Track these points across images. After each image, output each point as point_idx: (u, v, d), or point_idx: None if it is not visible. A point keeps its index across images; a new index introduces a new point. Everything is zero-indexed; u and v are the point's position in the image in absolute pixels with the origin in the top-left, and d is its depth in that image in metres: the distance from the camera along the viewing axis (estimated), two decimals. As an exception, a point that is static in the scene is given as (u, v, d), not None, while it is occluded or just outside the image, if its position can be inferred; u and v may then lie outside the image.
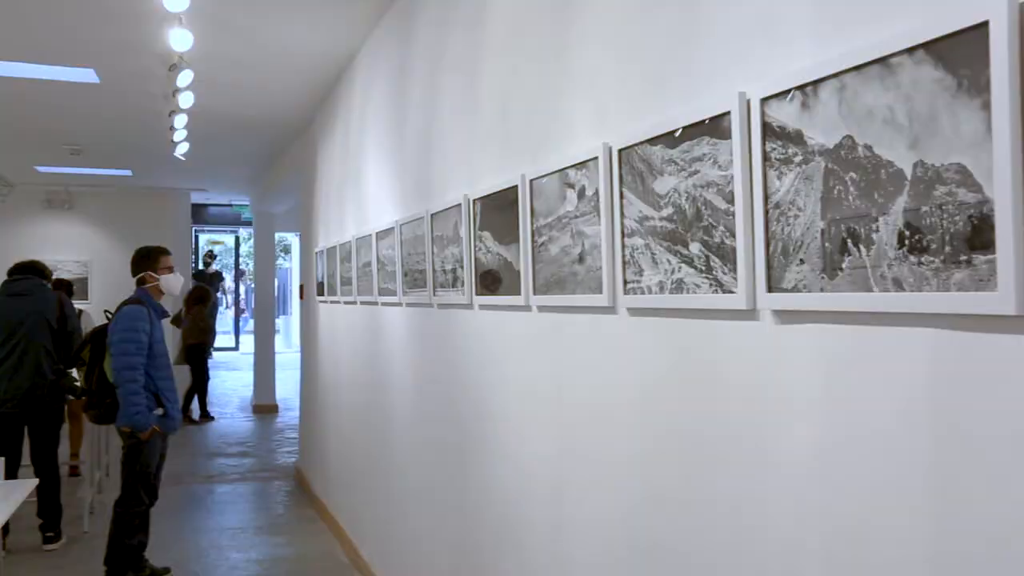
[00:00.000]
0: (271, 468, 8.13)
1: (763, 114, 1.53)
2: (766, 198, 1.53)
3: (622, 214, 2.03)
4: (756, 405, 1.62)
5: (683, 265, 1.79)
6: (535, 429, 2.61)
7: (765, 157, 1.53)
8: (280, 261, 20.12)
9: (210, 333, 10.98)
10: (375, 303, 4.60)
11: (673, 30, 1.87)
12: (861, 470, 1.37)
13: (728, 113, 1.62)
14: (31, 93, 6.17)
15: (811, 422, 1.48)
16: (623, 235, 2.02)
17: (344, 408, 5.66)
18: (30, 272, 5.59)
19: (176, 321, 10.56)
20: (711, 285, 1.70)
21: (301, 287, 7.92)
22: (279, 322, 18.13)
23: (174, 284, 4.78)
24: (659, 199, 1.87)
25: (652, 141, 1.89)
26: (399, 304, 4.12)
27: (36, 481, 3.47)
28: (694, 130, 1.73)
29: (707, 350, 1.76)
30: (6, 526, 3.31)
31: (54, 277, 6.29)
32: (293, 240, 20.44)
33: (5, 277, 5.61)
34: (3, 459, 3.31)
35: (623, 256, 2.03)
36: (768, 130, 1.53)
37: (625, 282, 2.03)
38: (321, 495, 6.37)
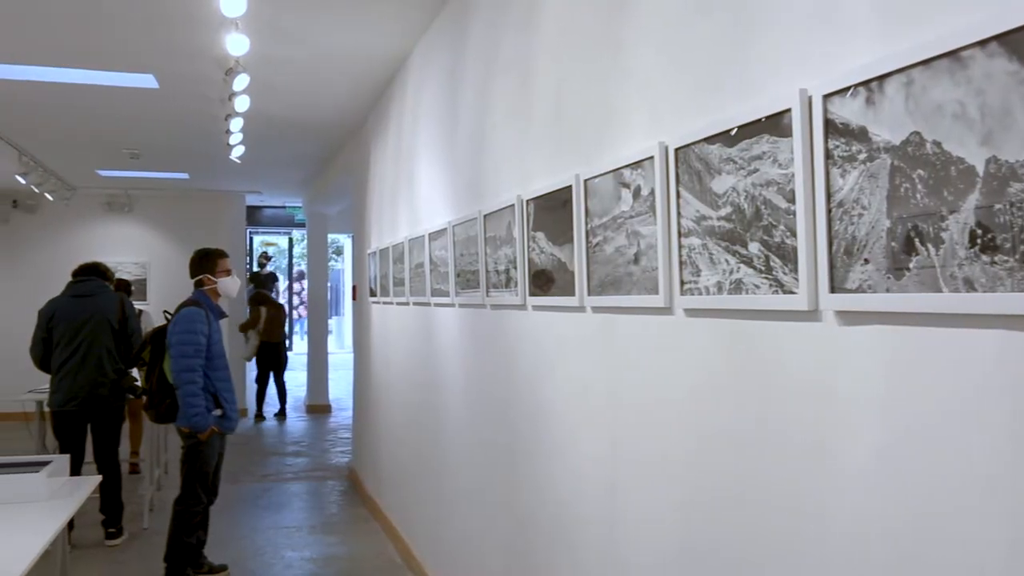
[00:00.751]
0: (325, 468, 8.22)
1: (825, 111, 1.50)
2: (829, 196, 1.50)
3: (679, 214, 2.00)
4: (817, 407, 1.58)
5: (742, 265, 1.76)
6: (588, 429, 2.59)
7: (828, 155, 1.50)
8: (332, 262, 20.34)
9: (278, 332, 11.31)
10: (427, 304, 4.62)
11: (730, 27, 1.85)
12: (927, 474, 1.33)
13: (789, 110, 1.59)
14: (93, 99, 6.32)
15: (875, 425, 1.44)
16: (680, 235, 2.00)
17: (396, 408, 5.70)
18: (93, 273, 5.72)
19: (250, 325, 10.80)
20: (771, 286, 1.67)
21: (354, 288, 7.99)
22: (331, 323, 18.34)
23: (231, 287, 4.85)
24: (717, 198, 1.84)
25: (709, 140, 1.86)
26: (452, 305, 4.13)
27: (99, 478, 3.54)
28: (753, 128, 1.71)
29: (766, 351, 1.73)
30: (71, 522, 3.40)
31: (115, 278, 6.42)
32: (345, 241, 20.65)
33: (70, 278, 5.75)
34: (68, 456, 3.39)
35: (680, 256, 2.01)
36: (831, 127, 1.49)
37: (682, 282, 2.00)
38: (374, 495, 6.42)
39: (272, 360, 11.13)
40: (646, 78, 2.22)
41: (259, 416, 11.10)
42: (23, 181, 8.68)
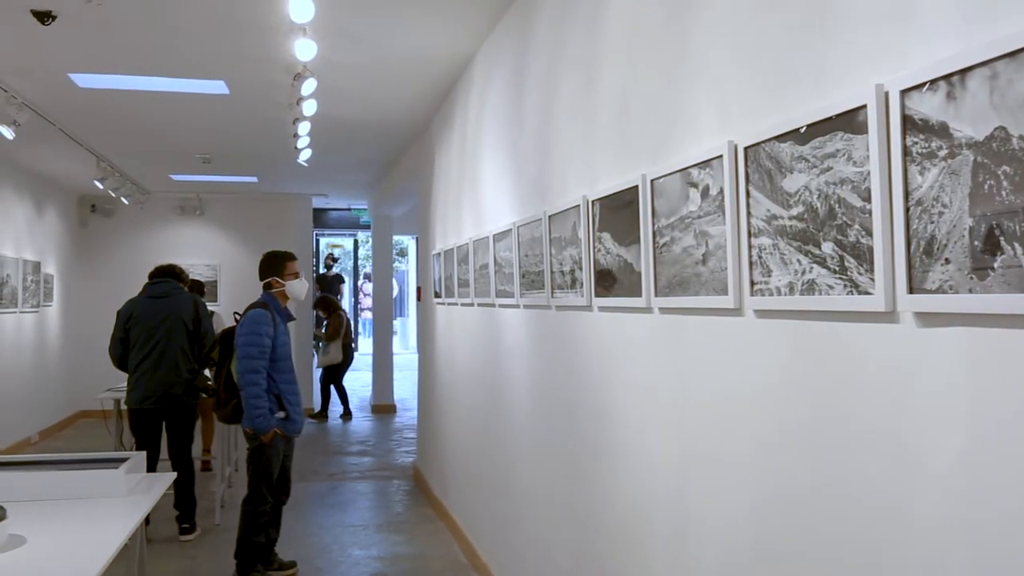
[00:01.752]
0: (390, 467, 8.31)
1: (903, 107, 1.46)
2: (907, 195, 1.46)
3: (749, 213, 1.97)
4: (895, 409, 1.54)
5: (815, 265, 1.72)
6: (655, 431, 2.57)
7: (906, 152, 1.46)
8: (397, 264, 20.54)
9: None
10: (492, 305, 4.63)
11: (801, 22, 1.81)
12: (1012, 480, 1.29)
13: (864, 107, 1.55)
14: (167, 106, 6.50)
15: (957, 429, 1.40)
16: (750, 235, 1.97)
17: (461, 409, 5.73)
18: (168, 275, 5.87)
19: (334, 335, 10.96)
20: (846, 286, 1.63)
21: (419, 289, 8.06)
22: (396, 324, 18.53)
23: (299, 290, 4.89)
24: (788, 197, 1.81)
25: (781, 138, 1.83)
26: (516, 306, 4.13)
27: (174, 475, 3.63)
28: (826, 125, 1.67)
29: (841, 353, 1.69)
30: (147, 517, 3.49)
31: (189, 279, 6.58)
32: (409, 243, 20.85)
33: (146, 280, 5.92)
34: (145, 453, 3.48)
35: (750, 257, 1.97)
36: (909, 123, 1.45)
37: (752, 283, 1.97)
38: (439, 495, 6.46)
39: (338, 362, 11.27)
40: (714, 76, 2.19)
41: (322, 416, 11.23)
42: (101, 186, 8.96)
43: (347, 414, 11.41)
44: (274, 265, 4.87)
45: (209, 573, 5.08)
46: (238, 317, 4.82)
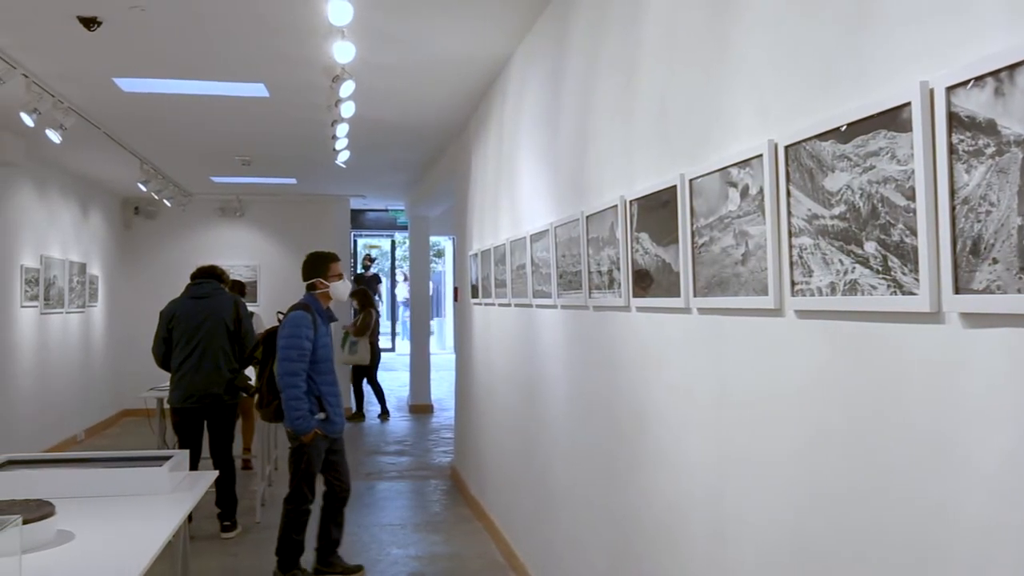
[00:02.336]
0: (428, 467, 8.34)
1: (948, 104, 1.44)
2: (952, 193, 1.44)
3: (789, 213, 1.95)
4: (939, 410, 1.52)
5: (857, 265, 1.70)
6: (694, 431, 2.55)
7: (951, 150, 1.44)
8: (433, 264, 20.63)
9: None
10: (529, 305, 4.63)
11: (842, 19, 1.79)
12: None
13: (908, 104, 1.53)
14: (208, 109, 6.60)
15: (1003, 429, 1.38)
16: (790, 235, 1.95)
17: (498, 409, 5.74)
18: (210, 276, 5.95)
19: (364, 331, 11.00)
20: (889, 286, 1.61)
21: (455, 289, 8.09)
22: (433, 324, 18.60)
23: (343, 290, 4.93)
24: (830, 196, 1.79)
25: (822, 136, 1.81)
26: (553, 306, 4.13)
27: (216, 473, 3.68)
28: (869, 123, 1.65)
29: (885, 353, 1.67)
30: (190, 514, 3.54)
31: (231, 280, 6.66)
32: (446, 244, 20.93)
33: (188, 280, 6.00)
34: (188, 452, 3.54)
35: (790, 256, 1.96)
36: (955, 120, 1.43)
37: (793, 283, 1.95)
38: (477, 495, 6.48)
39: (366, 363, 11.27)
40: (754, 75, 2.18)
41: (359, 416, 11.28)
42: (144, 188, 9.12)
43: (384, 414, 11.46)
44: (318, 266, 4.90)
45: (250, 570, 5.15)
46: (281, 317, 4.86)
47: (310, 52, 5.02)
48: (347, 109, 5.79)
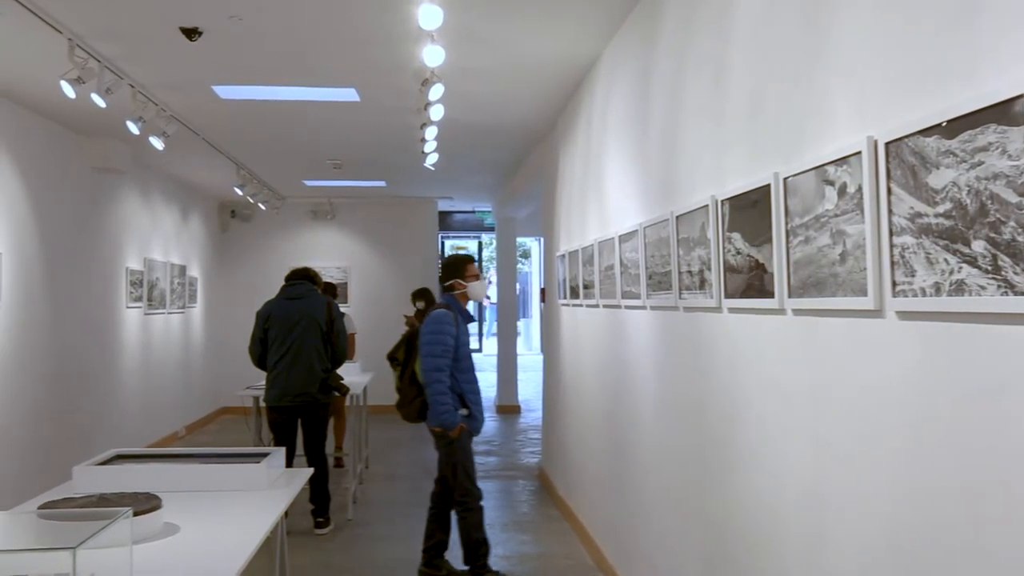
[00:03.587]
0: (515, 467, 8.37)
1: (1064, 96, 1.37)
2: (1068, 189, 1.37)
3: (890, 211, 1.89)
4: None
5: (964, 265, 1.64)
6: (789, 434, 2.50)
7: (1067, 144, 1.37)
8: (520, 265, 20.70)
9: None
10: (618, 306, 4.61)
11: (946, 9, 1.73)
12: None
13: (1021, 96, 1.46)
14: (302, 114, 6.77)
15: None
16: (891, 234, 1.89)
17: (586, 411, 5.72)
18: (303, 278, 6.10)
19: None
20: (999, 287, 1.55)
21: (543, 291, 8.09)
22: (520, 325, 18.66)
23: (480, 290, 5.00)
24: (934, 194, 1.73)
25: (925, 132, 1.75)
26: (643, 307, 4.10)
27: (311, 470, 3.77)
28: (977, 118, 1.59)
29: (994, 357, 1.61)
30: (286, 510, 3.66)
31: (323, 282, 6.81)
32: (533, 245, 20.97)
33: (282, 282, 6.17)
34: (284, 449, 3.63)
35: (891, 256, 1.90)
36: (1070, 113, 1.36)
37: (894, 284, 1.89)
38: (564, 496, 6.47)
39: None
40: (852, 71, 2.12)
41: None
42: (240, 192, 9.41)
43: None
44: (456, 268, 4.99)
45: (342, 565, 5.25)
46: (407, 319, 4.93)
47: (400, 57, 5.10)
48: (436, 112, 5.86)
